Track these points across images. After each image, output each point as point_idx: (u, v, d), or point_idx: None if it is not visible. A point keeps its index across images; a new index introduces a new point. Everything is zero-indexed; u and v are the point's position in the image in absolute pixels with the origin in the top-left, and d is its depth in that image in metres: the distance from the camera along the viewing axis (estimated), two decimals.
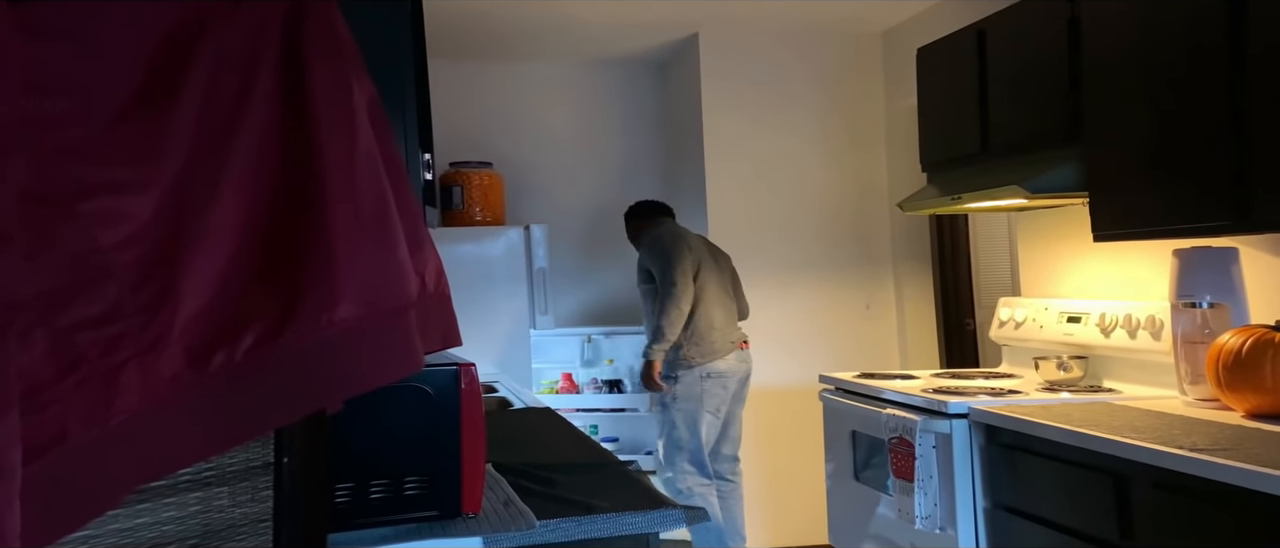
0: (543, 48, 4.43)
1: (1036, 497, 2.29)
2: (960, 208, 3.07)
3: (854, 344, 4.42)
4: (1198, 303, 2.38)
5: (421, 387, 1.24)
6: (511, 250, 3.90)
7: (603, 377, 4.31)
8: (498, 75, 4.56)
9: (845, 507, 3.20)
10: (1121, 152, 2.37)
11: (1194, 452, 1.79)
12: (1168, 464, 1.83)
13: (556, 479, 1.59)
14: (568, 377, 4.26)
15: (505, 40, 4.27)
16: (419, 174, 1.28)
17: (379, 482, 1.21)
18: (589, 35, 4.21)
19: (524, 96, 4.62)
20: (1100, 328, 2.84)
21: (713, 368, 3.62)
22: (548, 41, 4.32)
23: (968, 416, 2.52)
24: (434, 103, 4.42)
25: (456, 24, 3.97)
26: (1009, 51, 2.85)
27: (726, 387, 3.66)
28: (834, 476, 3.28)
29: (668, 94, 4.75)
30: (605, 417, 4.22)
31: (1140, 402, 2.46)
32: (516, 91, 4.60)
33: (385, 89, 1.30)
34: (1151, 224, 2.29)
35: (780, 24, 4.22)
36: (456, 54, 4.43)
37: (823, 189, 4.39)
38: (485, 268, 3.86)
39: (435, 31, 4.08)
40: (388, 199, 0.79)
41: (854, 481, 3.11)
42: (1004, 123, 2.87)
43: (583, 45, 4.39)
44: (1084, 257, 3.09)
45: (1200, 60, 2.10)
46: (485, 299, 3.84)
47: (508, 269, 3.89)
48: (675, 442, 3.62)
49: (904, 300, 4.46)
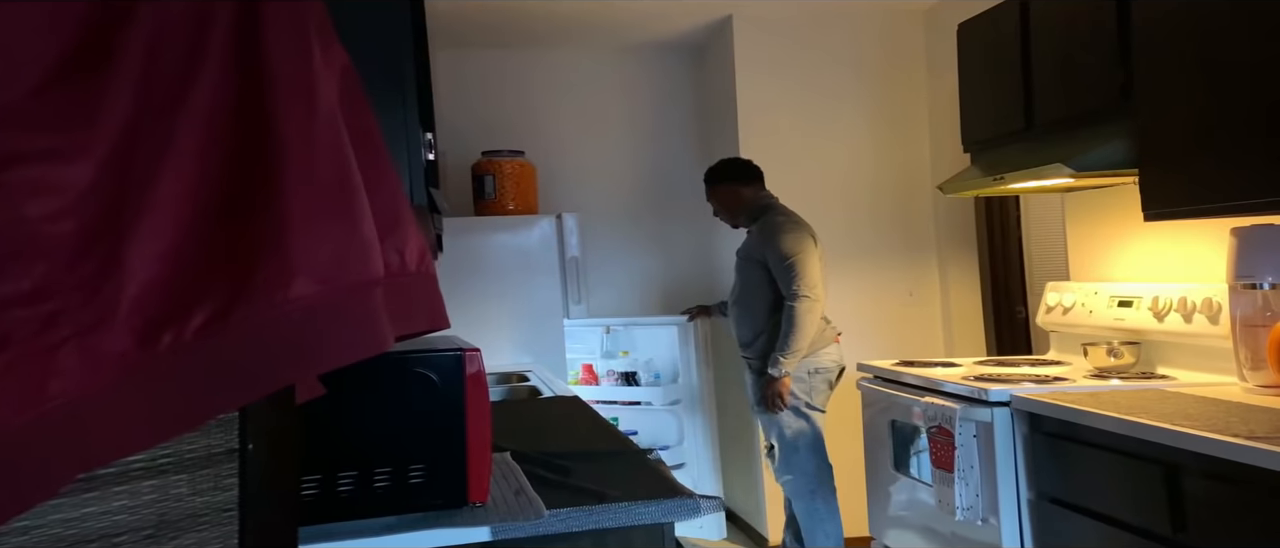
0: (575, 35, 4.38)
1: (1083, 487, 2.19)
2: (1003, 189, 2.95)
3: (897, 332, 4.30)
4: (1258, 284, 2.24)
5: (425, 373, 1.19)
6: (545, 239, 3.86)
7: (619, 368, 4.22)
8: (530, 63, 4.52)
9: (885, 498, 3.11)
10: (1174, 125, 2.24)
11: (1251, 440, 1.68)
12: (1222, 453, 1.72)
13: (573, 468, 1.54)
14: (588, 368, 4.20)
15: (537, 28, 4.23)
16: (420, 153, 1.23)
17: (382, 471, 1.17)
18: (621, 20, 4.15)
19: (557, 84, 4.57)
20: (1153, 312, 2.70)
21: (820, 364, 3.30)
22: (580, 28, 4.26)
23: (1010, 403, 2.41)
24: (466, 92, 4.44)
25: (488, 13, 3.94)
26: (1054, 23, 2.72)
27: (830, 383, 3.37)
28: (873, 466, 3.18)
29: (703, 79, 4.67)
30: (624, 410, 4.13)
31: (1196, 389, 2.34)
32: (550, 80, 4.56)
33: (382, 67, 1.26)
34: (1206, 201, 2.16)
35: (817, 4, 4.12)
36: (488, 43, 4.41)
37: (863, 173, 4.28)
38: (519, 257, 3.82)
39: (467, 21, 4.08)
40: (350, 170, 0.74)
41: (894, 471, 3.01)
42: (1049, 98, 2.75)
43: (616, 31, 4.33)
44: (1136, 238, 2.95)
45: (1258, 25, 1.97)
46: (519, 288, 3.81)
47: (541, 258, 3.85)
48: (789, 448, 3.28)
49: (949, 287, 4.34)
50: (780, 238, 3.22)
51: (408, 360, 1.19)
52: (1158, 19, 2.28)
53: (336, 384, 1.17)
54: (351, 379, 1.17)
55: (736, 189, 3.41)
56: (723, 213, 3.46)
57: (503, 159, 3.91)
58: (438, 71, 4.32)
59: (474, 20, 4.08)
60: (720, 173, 3.45)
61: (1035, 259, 4.24)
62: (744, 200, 3.40)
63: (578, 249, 3.87)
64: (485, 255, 3.78)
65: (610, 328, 4.18)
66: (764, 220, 3.31)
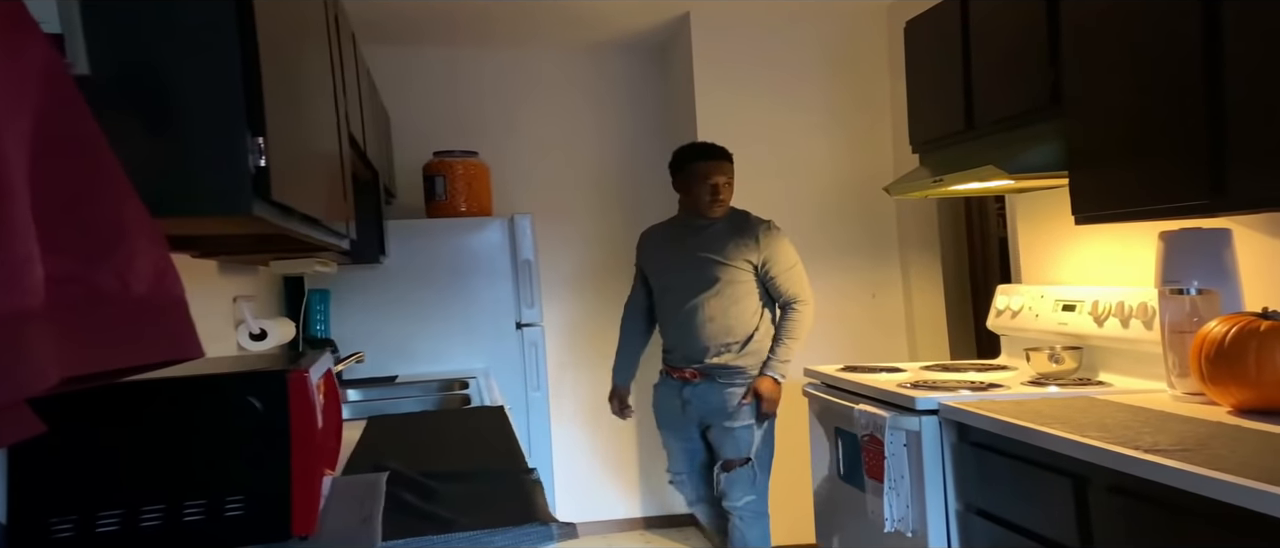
0: (533, 33, 4.33)
1: (1004, 499, 2.14)
2: (944, 190, 2.89)
3: (859, 335, 4.25)
4: (1185, 289, 2.19)
5: (244, 396, 1.14)
6: (497, 242, 3.81)
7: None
8: (488, 62, 4.48)
9: (830, 506, 3.06)
10: (1100, 128, 2.19)
11: (1150, 453, 1.63)
12: (1119, 466, 1.67)
13: (442, 490, 1.50)
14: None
15: (491, 25, 4.18)
16: (246, 159, 1.17)
17: (195, 503, 1.12)
18: (577, 17, 4.10)
19: (517, 84, 4.53)
20: (1093, 317, 2.65)
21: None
22: (536, 26, 4.21)
23: (937, 412, 2.37)
24: (422, 92, 4.38)
25: (442, 11, 3.89)
26: (992, 22, 2.67)
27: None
28: (819, 474, 3.14)
29: (665, 78, 4.62)
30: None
31: (1125, 396, 2.28)
32: (509, 79, 4.51)
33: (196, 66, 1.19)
34: (1130, 205, 2.10)
35: (775, 1, 4.06)
36: (446, 41, 4.36)
37: (824, 173, 4.23)
38: (470, 260, 3.78)
39: (417, 18, 4.04)
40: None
41: (838, 479, 2.97)
42: (988, 99, 2.70)
43: (573, 29, 4.28)
44: (1083, 240, 2.90)
45: (1175, 28, 1.92)
46: (470, 292, 3.76)
47: (494, 261, 3.80)
48: (764, 463, 3.10)
49: (912, 288, 4.28)
50: (783, 243, 3.08)
51: (224, 382, 1.14)
52: (1085, 20, 2.22)
53: (144, 407, 1.13)
54: (160, 402, 1.13)
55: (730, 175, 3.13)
56: (727, 200, 3.08)
57: (454, 159, 3.87)
58: (389, 70, 4.28)
59: (427, 18, 4.04)
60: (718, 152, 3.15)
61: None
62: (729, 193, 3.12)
63: (531, 252, 3.82)
64: (435, 258, 3.73)
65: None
66: (747, 221, 3.09)
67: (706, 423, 3.11)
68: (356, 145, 2.55)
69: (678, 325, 3.11)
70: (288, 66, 1.41)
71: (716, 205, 3.05)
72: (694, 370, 3.07)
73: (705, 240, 3.08)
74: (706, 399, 3.08)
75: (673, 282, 3.12)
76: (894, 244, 4.31)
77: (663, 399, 3.22)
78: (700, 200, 3.05)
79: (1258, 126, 1.72)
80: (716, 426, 3.07)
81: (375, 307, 3.65)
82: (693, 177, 3.07)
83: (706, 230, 3.08)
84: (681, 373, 3.12)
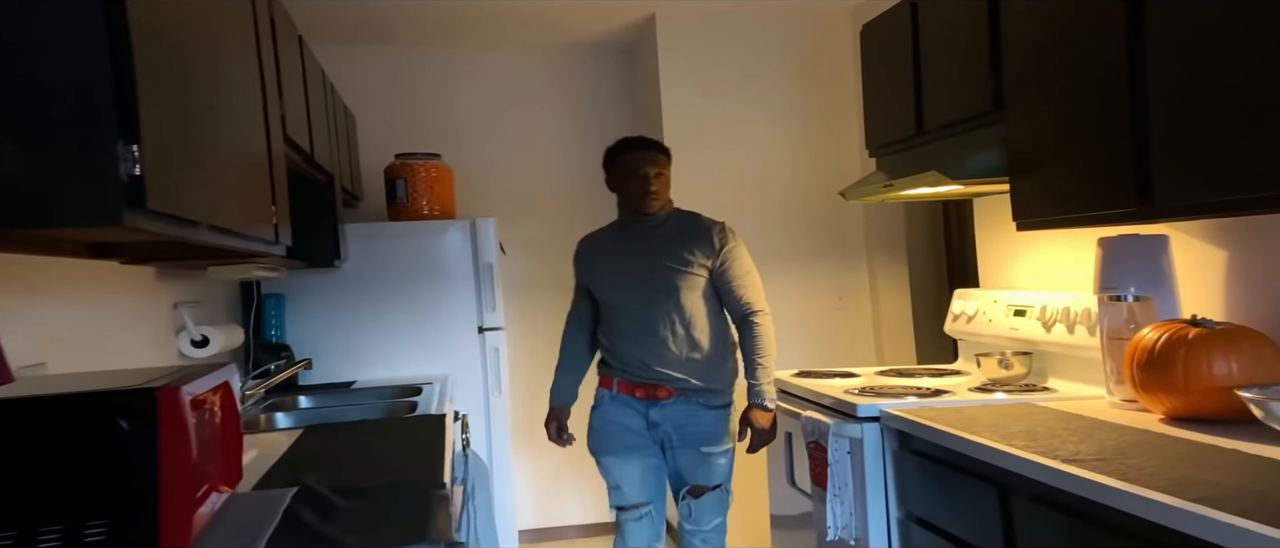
0: (498, 35, 4.32)
1: (941, 508, 2.12)
2: (894, 195, 2.88)
3: (826, 338, 4.24)
4: (1123, 296, 2.18)
5: (108, 416, 1.11)
6: (460, 245, 3.80)
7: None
8: (455, 64, 4.46)
9: (783, 513, 3.05)
10: (1039, 133, 2.18)
11: (1067, 462, 1.61)
12: (1036, 475, 1.66)
13: (346, 506, 1.48)
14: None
15: (459, 28, 4.17)
16: (117, 168, 1.15)
17: (51, 529, 1.09)
18: (545, 19, 4.08)
19: (484, 87, 4.51)
20: (1042, 322, 2.64)
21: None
22: (502, 28, 4.20)
23: (879, 419, 2.35)
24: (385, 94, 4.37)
25: (407, 12, 3.88)
26: (940, 27, 2.66)
27: None
28: (774, 481, 3.12)
29: (633, 80, 4.61)
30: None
31: (1066, 403, 2.27)
32: (476, 81, 4.50)
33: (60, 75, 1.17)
34: (1066, 211, 2.09)
35: (742, 3, 4.05)
36: (411, 42, 4.35)
37: (791, 176, 4.22)
38: (432, 264, 3.76)
39: (385, 20, 4.02)
40: None
41: (790, 486, 2.95)
42: (936, 103, 2.69)
43: (539, 30, 4.27)
44: (1037, 245, 2.89)
45: (1102, 38, 1.90)
46: (431, 297, 3.74)
47: (456, 265, 3.79)
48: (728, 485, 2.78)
49: (878, 292, 4.27)
50: (740, 245, 2.78)
51: (85, 401, 1.11)
52: (1022, 27, 2.21)
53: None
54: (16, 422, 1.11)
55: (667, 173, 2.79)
56: (661, 193, 2.74)
57: (416, 162, 3.85)
58: (356, 72, 4.27)
59: (396, 20, 4.03)
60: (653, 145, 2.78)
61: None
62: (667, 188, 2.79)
63: (494, 255, 3.80)
64: (395, 262, 3.71)
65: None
66: (699, 221, 2.77)
67: (671, 447, 2.72)
68: (299, 148, 2.53)
69: (636, 340, 2.70)
70: (181, 72, 1.39)
71: (650, 198, 2.70)
72: (668, 389, 2.68)
73: (657, 244, 2.72)
74: (681, 421, 2.69)
75: (626, 292, 2.73)
76: (862, 248, 4.30)
77: (613, 422, 2.74)
78: (634, 194, 2.72)
79: (1180, 135, 1.71)
80: (689, 450, 2.69)
81: (334, 311, 3.64)
82: (623, 170, 2.73)
83: (655, 232, 2.74)
84: (645, 391, 2.70)
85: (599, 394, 2.81)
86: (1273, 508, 1.25)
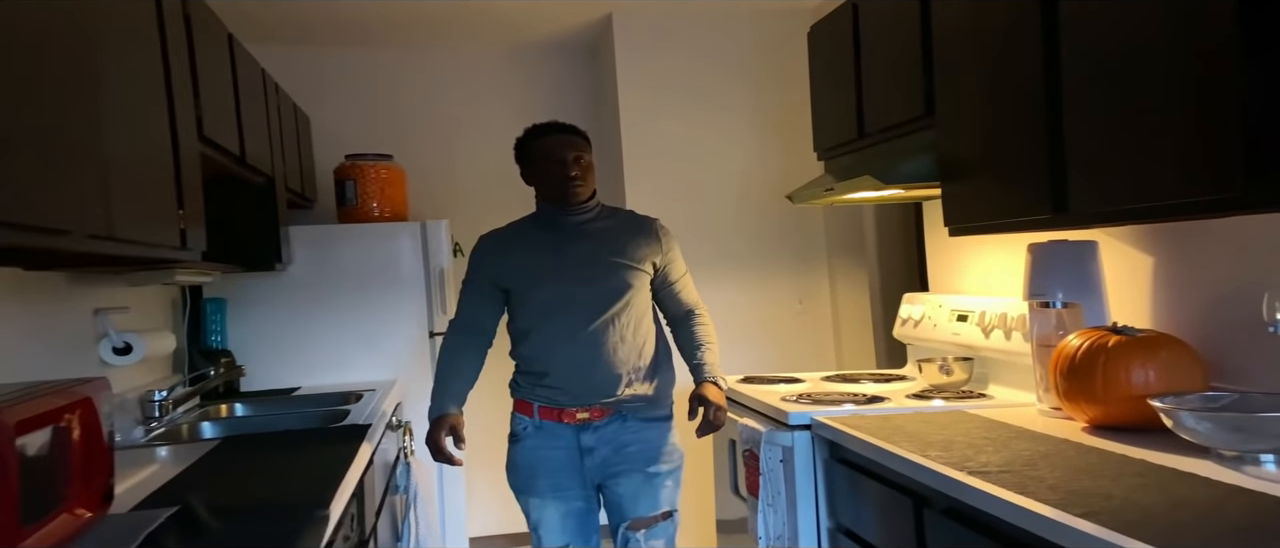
0: (454, 34, 4.27)
1: (866, 519, 2.09)
2: (834, 199, 2.85)
3: (787, 343, 4.20)
4: (1051, 302, 2.14)
5: None
6: (411, 248, 3.75)
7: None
8: (411, 64, 4.42)
9: (728, 518, 3.01)
10: (967, 138, 2.14)
11: (973, 474, 1.58)
12: (941, 487, 1.63)
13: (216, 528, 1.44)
14: None
15: (414, 27, 4.13)
16: None
17: None
18: (501, 18, 4.04)
19: (440, 87, 4.47)
20: (981, 328, 2.61)
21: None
22: (460, 27, 4.16)
23: (810, 427, 2.31)
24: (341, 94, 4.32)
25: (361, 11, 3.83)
26: (878, 28, 2.63)
27: None
28: (720, 488, 3.08)
29: (594, 81, 4.57)
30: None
31: (998, 411, 2.23)
32: (432, 82, 4.46)
33: None
34: (992, 217, 2.05)
35: (700, 2, 4.01)
36: (367, 42, 4.31)
37: (751, 177, 4.18)
38: (381, 268, 3.71)
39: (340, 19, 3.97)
40: None
41: (733, 494, 2.91)
42: (874, 107, 2.65)
43: (496, 30, 4.23)
44: (982, 250, 2.85)
45: (1020, 44, 1.86)
46: (381, 301, 3.70)
47: (407, 269, 3.74)
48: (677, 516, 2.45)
49: (839, 295, 4.23)
50: (677, 245, 2.49)
51: None
52: (950, 30, 2.18)
53: None
54: None
55: (591, 160, 2.44)
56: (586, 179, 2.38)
57: (366, 163, 3.80)
58: (313, 72, 4.22)
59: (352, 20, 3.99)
60: (572, 130, 2.45)
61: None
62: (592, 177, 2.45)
63: (446, 258, 3.76)
64: (344, 265, 3.66)
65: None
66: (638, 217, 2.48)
67: (611, 474, 2.35)
68: (224, 149, 2.49)
69: (574, 351, 2.30)
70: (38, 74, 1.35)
71: (573, 185, 2.34)
72: (600, 409, 2.32)
73: (599, 241, 2.37)
74: (620, 441, 2.33)
75: (567, 296, 2.32)
76: (822, 251, 4.26)
77: (539, 454, 2.35)
78: (555, 183, 2.35)
79: (1091, 143, 1.67)
80: (632, 473, 2.34)
81: (281, 315, 3.59)
82: (540, 158, 2.37)
83: (590, 228, 2.38)
84: (577, 414, 2.32)
85: (519, 425, 2.40)
86: (1154, 523, 1.21)
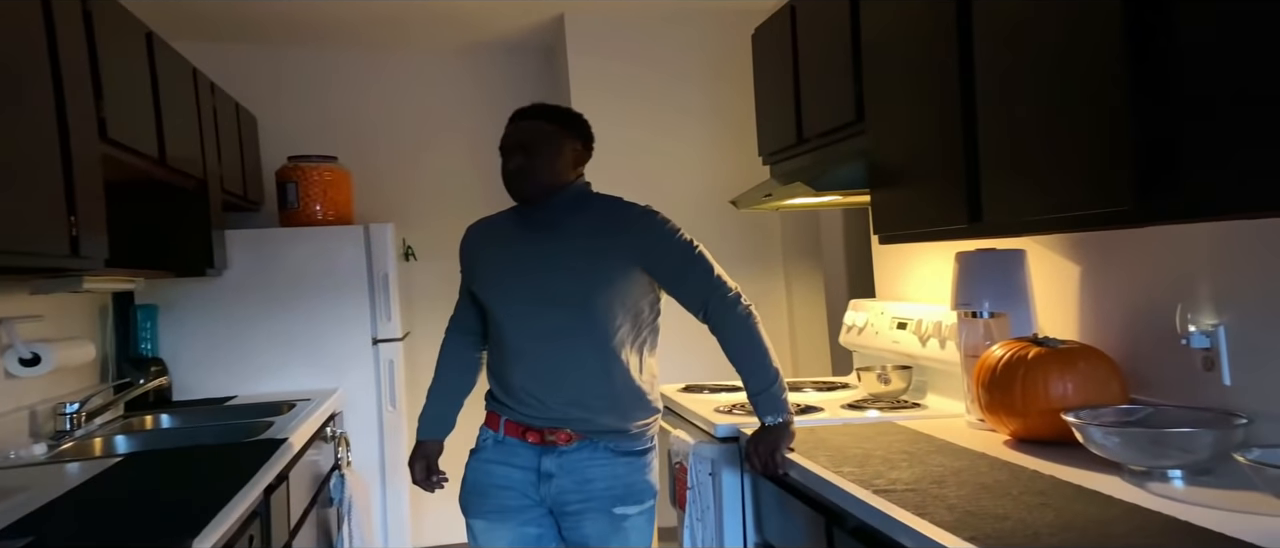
0: (407, 34, 4.21)
1: (787, 535, 2.03)
2: (773, 205, 2.80)
3: None
4: (978, 312, 2.09)
5: None
6: (354, 253, 3.67)
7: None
8: (365, 64, 4.35)
9: (666, 529, 2.94)
10: (894, 146, 2.09)
11: (876, 492, 1.52)
12: (846, 505, 1.57)
13: None
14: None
15: (365, 26, 4.06)
16: None
17: None
18: (451, 18, 3.98)
19: (391, 87, 4.40)
20: (919, 336, 2.56)
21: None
22: (410, 26, 4.09)
23: (737, 439, 2.26)
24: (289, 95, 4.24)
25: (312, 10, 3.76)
26: (813, 32, 2.58)
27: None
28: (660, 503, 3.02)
29: (550, 81, 4.51)
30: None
31: (926, 423, 2.18)
32: (383, 82, 4.39)
33: None
34: (916, 226, 2.01)
35: (654, 3, 3.96)
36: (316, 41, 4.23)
37: (705, 181, 4.13)
38: (323, 272, 3.63)
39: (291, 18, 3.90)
40: None
41: (672, 507, 2.85)
42: (813, 112, 2.60)
43: (446, 31, 4.16)
44: (924, 257, 2.80)
45: (937, 51, 1.81)
46: (322, 307, 3.62)
47: (351, 274, 3.66)
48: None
49: (794, 301, 4.19)
50: (667, 221, 2.10)
51: None
52: (877, 35, 2.13)
53: None
54: None
55: (578, 150, 2.19)
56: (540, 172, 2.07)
57: (309, 165, 3.72)
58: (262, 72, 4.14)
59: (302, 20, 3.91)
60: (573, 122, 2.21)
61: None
62: (573, 172, 2.16)
63: (390, 263, 3.68)
64: (285, 270, 3.58)
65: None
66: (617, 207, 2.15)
67: (571, 512, 2.04)
68: (136, 151, 2.41)
69: (531, 366, 2.04)
70: None
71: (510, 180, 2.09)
72: (568, 433, 2.03)
73: (566, 238, 2.06)
74: (585, 474, 2.02)
75: (522, 300, 2.05)
76: (778, 256, 4.22)
77: (491, 471, 2.08)
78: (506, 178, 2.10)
79: (1003, 152, 1.62)
80: (596, 514, 2.03)
81: (218, 322, 3.51)
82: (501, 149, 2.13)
83: (561, 222, 2.08)
84: (541, 435, 2.03)
85: (482, 436, 2.13)
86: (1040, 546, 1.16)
